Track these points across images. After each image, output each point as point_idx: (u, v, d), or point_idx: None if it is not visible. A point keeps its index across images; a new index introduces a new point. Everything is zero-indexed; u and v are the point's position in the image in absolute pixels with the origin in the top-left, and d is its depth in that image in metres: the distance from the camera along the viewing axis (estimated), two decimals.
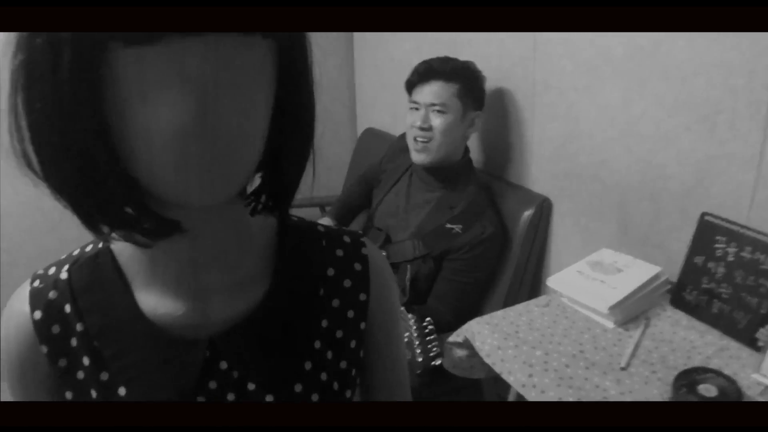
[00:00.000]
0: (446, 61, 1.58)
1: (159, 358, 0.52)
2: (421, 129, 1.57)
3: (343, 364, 0.60)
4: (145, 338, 0.53)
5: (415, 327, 1.22)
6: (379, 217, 1.78)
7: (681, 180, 1.27)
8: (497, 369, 1.09)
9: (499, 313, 1.22)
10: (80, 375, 0.54)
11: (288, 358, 0.57)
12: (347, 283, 0.61)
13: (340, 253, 0.62)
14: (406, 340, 1.21)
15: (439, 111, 1.56)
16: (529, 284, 1.67)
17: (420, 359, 1.13)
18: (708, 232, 1.21)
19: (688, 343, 1.14)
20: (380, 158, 1.94)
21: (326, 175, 2.67)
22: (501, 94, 1.73)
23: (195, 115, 0.41)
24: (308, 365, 0.58)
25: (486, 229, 1.54)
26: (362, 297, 0.62)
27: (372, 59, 2.45)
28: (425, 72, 1.58)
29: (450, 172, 1.63)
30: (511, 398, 1.29)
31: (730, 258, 1.16)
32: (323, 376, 0.59)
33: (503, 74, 1.70)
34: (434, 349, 1.14)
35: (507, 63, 1.68)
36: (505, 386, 1.16)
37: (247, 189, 0.53)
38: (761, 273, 1.11)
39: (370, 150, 2.34)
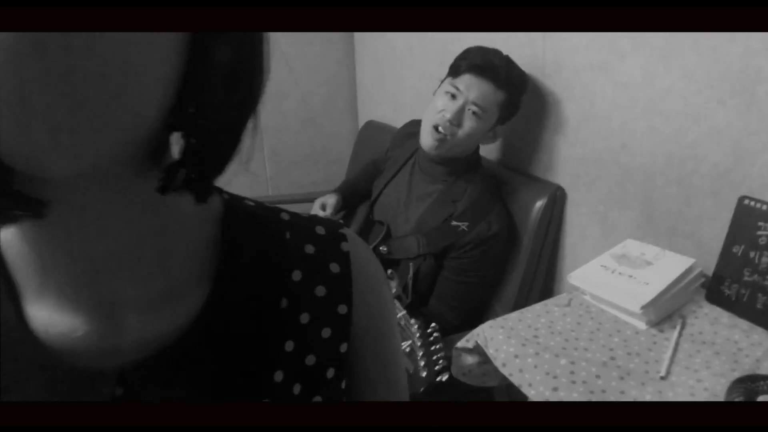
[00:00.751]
0: (507, 63, 1.40)
1: (51, 395, 0.37)
2: (450, 122, 1.40)
3: (317, 400, 0.45)
4: (32, 367, 0.38)
5: (418, 335, 1.08)
6: (380, 209, 1.64)
7: (714, 161, 1.13)
8: (515, 381, 0.95)
9: (515, 314, 1.08)
10: None
11: (235, 396, 0.41)
12: (320, 290, 0.45)
13: (310, 249, 0.46)
14: (407, 350, 1.05)
15: (475, 113, 1.39)
16: (542, 282, 1.54)
17: (424, 374, 0.97)
18: (748, 218, 1.07)
19: (732, 344, 1.00)
20: (386, 148, 1.81)
21: (327, 169, 2.56)
22: None
23: (32, 47, 0.27)
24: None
25: (492, 226, 1.40)
26: (341, 310, 0.46)
27: (373, 51, 2.33)
28: (482, 66, 1.38)
29: (457, 165, 1.48)
30: None
31: None
32: None
33: (511, 55, 1.56)
34: (440, 361, 0.99)
35: (514, 44, 1.54)
36: (521, 394, 1.02)
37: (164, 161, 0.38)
38: None
39: (371, 143, 2.21)
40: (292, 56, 2.36)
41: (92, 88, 0.28)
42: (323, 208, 1.70)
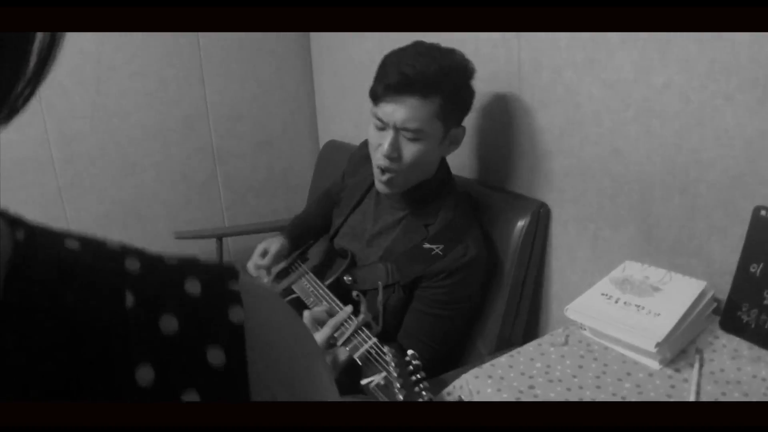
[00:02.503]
0: (426, 64, 1.15)
1: None
2: (388, 158, 1.19)
3: None
4: None
5: (393, 364, 0.90)
6: (343, 239, 1.45)
7: (723, 166, 0.98)
8: None
9: (503, 359, 0.90)
10: None
11: None
12: (190, 396, 0.25)
13: (171, 325, 0.27)
14: (382, 383, 0.87)
15: (412, 139, 1.18)
16: (527, 312, 1.36)
17: None
18: (766, 231, 0.92)
19: (760, 382, 0.84)
20: (342, 173, 1.61)
21: (287, 195, 2.37)
22: (479, 83, 1.43)
23: None
24: None
25: (468, 251, 1.21)
26: None
27: (331, 64, 2.16)
28: (397, 84, 1.15)
29: (425, 188, 1.28)
30: None
31: None
32: None
33: (482, 59, 1.40)
34: (424, 392, 0.81)
35: (486, 46, 1.39)
36: None
37: None
38: None
39: (332, 165, 2.02)
40: (244, 75, 2.18)
41: None
42: (263, 255, 1.49)
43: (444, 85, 1.16)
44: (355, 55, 1.95)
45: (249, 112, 2.23)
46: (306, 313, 1.11)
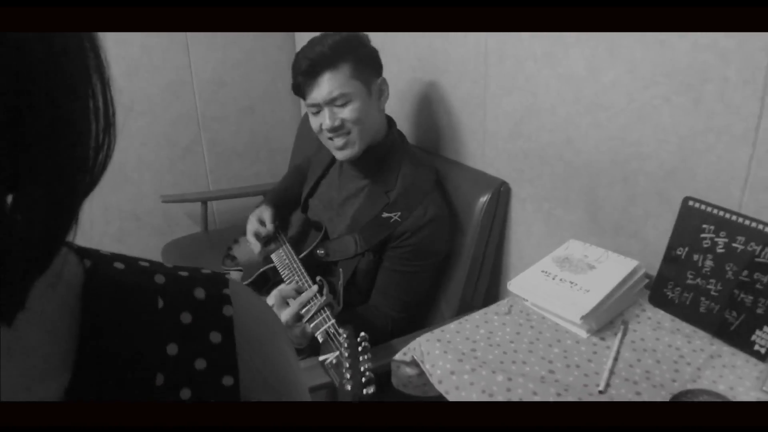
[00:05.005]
0: (322, 45, 1.33)
1: None
2: (333, 129, 1.35)
3: None
4: None
5: (346, 345, 1.01)
6: (313, 211, 1.57)
7: (660, 159, 1.09)
8: (451, 398, 0.89)
9: (453, 325, 1.02)
10: None
11: None
12: (200, 363, 0.41)
13: (187, 318, 0.41)
14: (334, 362, 0.99)
15: (342, 104, 1.33)
16: (488, 280, 1.49)
17: (348, 387, 0.92)
18: (692, 219, 1.03)
19: (674, 351, 0.96)
20: (315, 146, 1.72)
21: (269, 159, 2.45)
22: (450, 68, 1.52)
23: None
24: None
25: (428, 211, 1.34)
26: (227, 381, 0.41)
27: (312, 34, 2.21)
28: (309, 69, 1.33)
29: (379, 152, 1.41)
30: None
31: (720, 249, 0.99)
32: None
33: (452, 44, 1.49)
34: (367, 374, 0.93)
35: (456, 36, 1.47)
36: None
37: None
38: (757, 267, 0.94)
39: (311, 134, 2.10)
40: (228, 43, 2.23)
41: None
42: (262, 223, 1.61)
43: (344, 52, 1.33)
44: None
45: (232, 79, 2.29)
46: (275, 291, 1.23)
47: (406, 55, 1.67)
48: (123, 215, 2.22)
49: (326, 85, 1.33)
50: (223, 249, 1.73)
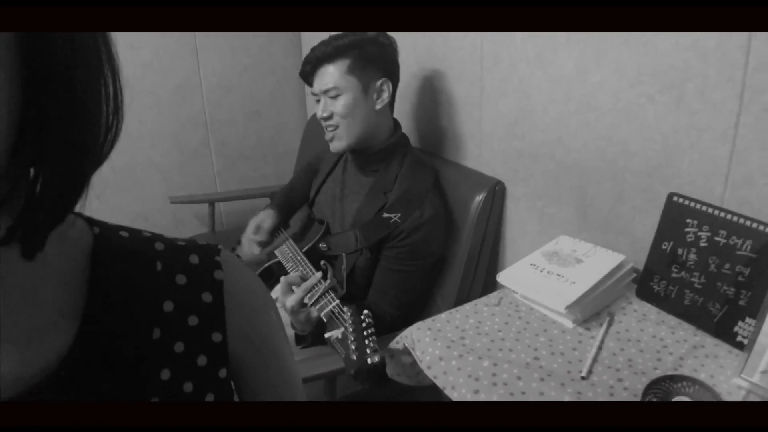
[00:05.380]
0: (330, 41, 1.44)
1: None
2: (324, 119, 1.45)
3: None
4: None
5: (351, 321, 1.07)
6: (318, 207, 1.63)
7: (645, 157, 1.13)
8: (440, 383, 0.93)
9: (443, 315, 1.06)
10: None
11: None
12: (193, 320, 0.47)
13: (181, 280, 0.47)
14: (340, 336, 1.05)
15: (333, 96, 1.43)
16: (484, 277, 1.52)
17: (354, 357, 0.97)
18: (676, 215, 1.07)
19: (657, 341, 1.00)
20: (324, 146, 1.78)
21: (276, 162, 2.51)
22: (448, 73, 1.57)
23: None
24: None
25: (425, 213, 1.39)
26: (216, 338, 0.47)
27: (318, 39, 2.26)
28: (314, 59, 1.45)
29: (379, 153, 1.48)
30: None
31: (703, 243, 1.03)
32: None
33: (450, 48, 1.54)
34: (371, 344, 0.98)
35: (453, 39, 1.52)
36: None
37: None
38: (738, 259, 0.98)
39: (319, 135, 2.14)
40: (236, 48, 2.29)
41: None
42: (257, 231, 1.67)
43: (347, 49, 1.42)
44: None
45: (240, 83, 2.35)
46: (282, 279, 1.28)
47: (406, 59, 1.72)
48: (132, 215, 2.28)
49: (323, 77, 1.43)
50: (229, 249, 1.78)
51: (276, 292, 1.29)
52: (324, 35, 1.48)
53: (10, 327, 0.38)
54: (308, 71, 1.48)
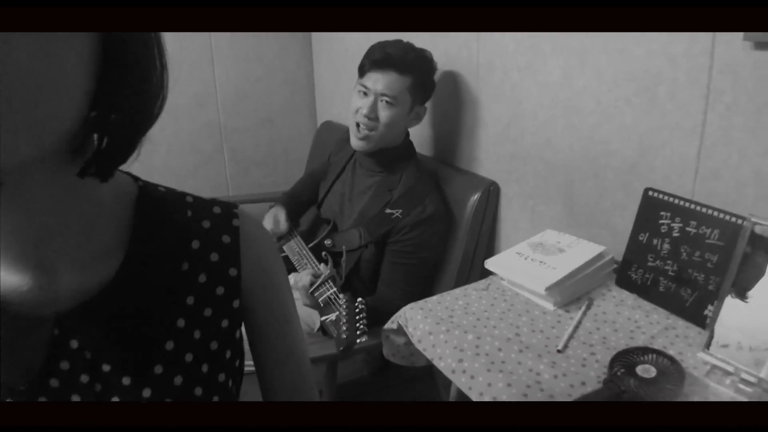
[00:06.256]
0: (404, 50, 1.51)
1: (4, 335, 0.48)
2: (367, 117, 1.52)
3: (214, 345, 0.56)
4: None
5: (345, 306, 1.17)
6: (326, 208, 1.73)
7: (624, 156, 1.22)
8: (428, 355, 1.02)
9: (435, 297, 1.16)
10: None
11: (146, 338, 0.52)
12: (214, 256, 0.57)
13: (206, 224, 0.58)
14: (334, 318, 1.16)
15: (388, 102, 1.50)
16: (479, 270, 1.61)
17: (344, 336, 1.08)
18: (652, 208, 1.15)
19: (632, 323, 1.08)
20: (329, 153, 1.89)
21: (286, 168, 2.62)
22: (446, 79, 1.67)
23: None
24: (170, 345, 0.53)
25: (426, 209, 1.49)
26: (232, 272, 0.58)
27: (328, 52, 2.40)
28: (381, 60, 1.50)
29: (390, 155, 1.58)
30: (453, 388, 1.23)
31: (675, 233, 1.11)
32: (188, 357, 0.54)
33: (449, 58, 1.64)
34: (361, 326, 1.09)
35: (452, 47, 1.63)
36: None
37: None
38: (707, 247, 1.06)
39: (328, 142, 2.27)
40: (250, 58, 2.41)
41: (30, 100, 0.37)
42: (275, 224, 1.78)
43: (416, 67, 1.51)
44: (348, 45, 2.19)
45: (253, 92, 2.47)
46: (293, 274, 1.41)
47: None
48: None
49: (386, 81, 1.50)
50: None
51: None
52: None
53: (77, 248, 0.49)
54: (369, 66, 1.51)
